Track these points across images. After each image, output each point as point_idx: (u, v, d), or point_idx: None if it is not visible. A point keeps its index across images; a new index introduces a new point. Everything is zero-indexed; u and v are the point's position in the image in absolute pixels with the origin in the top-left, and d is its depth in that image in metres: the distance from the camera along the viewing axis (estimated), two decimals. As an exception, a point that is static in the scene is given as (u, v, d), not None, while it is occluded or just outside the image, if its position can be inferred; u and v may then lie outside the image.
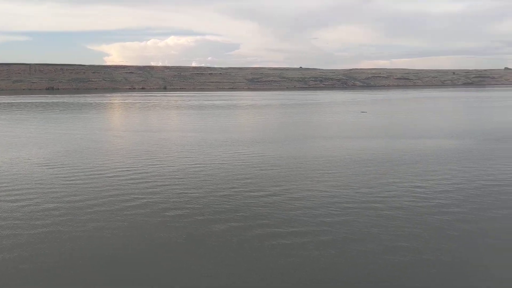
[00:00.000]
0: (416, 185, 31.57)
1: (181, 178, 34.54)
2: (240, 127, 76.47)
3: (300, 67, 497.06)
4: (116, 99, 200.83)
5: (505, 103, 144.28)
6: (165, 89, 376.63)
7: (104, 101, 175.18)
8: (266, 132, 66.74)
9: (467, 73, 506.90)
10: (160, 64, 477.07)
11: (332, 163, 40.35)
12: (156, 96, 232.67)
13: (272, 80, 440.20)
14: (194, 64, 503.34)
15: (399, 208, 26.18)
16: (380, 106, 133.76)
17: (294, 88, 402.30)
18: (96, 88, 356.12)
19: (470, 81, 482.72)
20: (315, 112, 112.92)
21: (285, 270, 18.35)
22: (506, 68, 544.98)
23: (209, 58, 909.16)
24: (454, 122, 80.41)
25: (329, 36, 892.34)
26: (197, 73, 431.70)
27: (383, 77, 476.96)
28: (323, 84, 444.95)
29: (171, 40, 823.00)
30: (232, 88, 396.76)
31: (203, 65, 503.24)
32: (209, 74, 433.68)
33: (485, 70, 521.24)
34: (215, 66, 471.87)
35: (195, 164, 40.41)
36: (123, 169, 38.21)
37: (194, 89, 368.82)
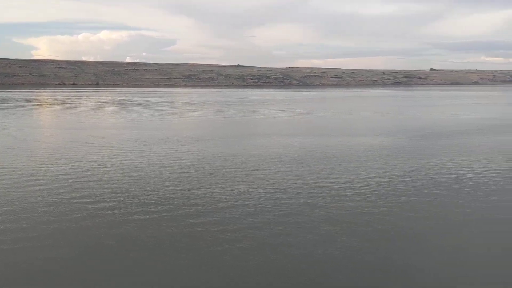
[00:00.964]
0: (349, 181, 32.51)
1: (113, 178, 33.22)
2: (176, 124, 75.19)
3: (238, 64, 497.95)
4: (45, 95, 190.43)
5: (430, 102, 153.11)
6: (97, 85, 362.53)
7: (32, 97, 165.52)
8: (202, 129, 66.11)
9: (396, 73, 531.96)
10: (92, 59, 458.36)
11: (268, 161, 40.62)
12: (88, 92, 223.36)
13: (209, 77, 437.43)
14: (128, 60, 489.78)
15: (333, 205, 26.77)
16: (315, 104, 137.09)
17: (232, 86, 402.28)
18: (22, 84, 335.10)
19: (399, 81, 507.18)
20: (252, 110, 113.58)
21: (220, 271, 18.10)
22: (431, 69, 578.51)
23: (144, 53, 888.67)
24: (384, 120, 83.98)
25: (266, 35, 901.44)
26: (132, 69, 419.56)
27: (318, 76, 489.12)
28: (261, 82, 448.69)
29: (104, 34, 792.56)
30: (168, 84, 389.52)
31: (138, 60, 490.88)
32: (144, 70, 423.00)
33: (412, 70, 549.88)
34: (151, 62, 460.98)
35: (129, 163, 39.10)
36: (52, 169, 36.14)
37: (128, 85, 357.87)
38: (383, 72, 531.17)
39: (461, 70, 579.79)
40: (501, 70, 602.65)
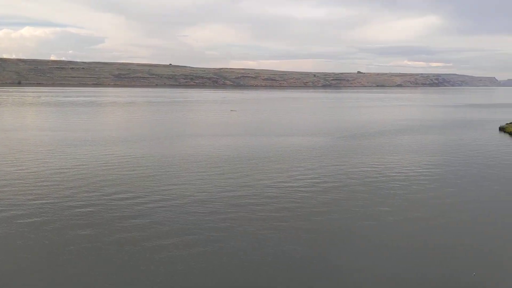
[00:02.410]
0: (281, 182, 32.79)
1: (35, 182, 31.11)
2: (103, 125, 72.20)
3: (170, 64, 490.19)
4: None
5: (358, 103, 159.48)
6: (19, 84, 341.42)
7: None
8: (132, 130, 63.98)
9: (326, 75, 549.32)
10: (13, 56, 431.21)
11: (200, 162, 40.01)
12: (8, 91, 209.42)
13: (140, 77, 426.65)
14: (53, 58, 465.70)
15: (263, 207, 26.79)
16: (249, 105, 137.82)
17: (165, 86, 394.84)
18: None
19: (329, 83, 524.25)
20: (185, 110, 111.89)
21: (147, 273, 17.43)
22: (359, 72, 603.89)
23: (71, 51, 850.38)
24: (315, 121, 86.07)
25: (199, 35, 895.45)
26: (57, 67, 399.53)
27: (251, 77, 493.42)
28: (194, 82, 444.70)
29: (27, 31, 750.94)
30: (97, 84, 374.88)
31: (63, 58, 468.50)
32: (71, 68, 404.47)
33: (341, 73, 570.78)
34: (78, 60, 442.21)
35: (52, 166, 36.81)
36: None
37: (53, 85, 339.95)
38: (314, 75, 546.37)
39: (386, 74, 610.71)
40: (422, 74, 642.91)
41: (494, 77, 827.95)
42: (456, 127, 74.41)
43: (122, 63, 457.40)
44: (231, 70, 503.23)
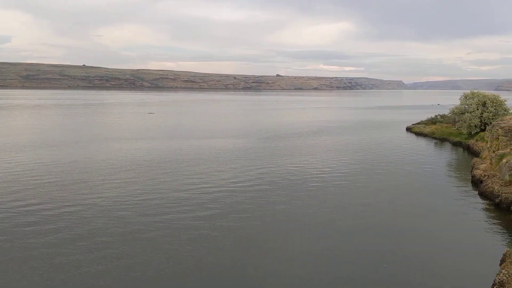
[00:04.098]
0: (195, 185, 32.01)
1: None
2: (6, 129, 66.61)
3: (84, 65, 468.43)
4: None
5: (278, 106, 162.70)
6: None
7: None
8: (39, 135, 59.53)
9: (246, 78, 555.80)
10: None
11: (114, 167, 37.96)
12: None
13: (51, 78, 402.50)
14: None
15: (178, 215, 25.90)
16: (168, 108, 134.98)
17: (78, 87, 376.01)
18: None
19: (249, 86, 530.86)
20: (100, 113, 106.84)
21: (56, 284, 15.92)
22: (277, 75, 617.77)
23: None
24: (236, 123, 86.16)
25: (114, 35, 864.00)
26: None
27: (170, 79, 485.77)
28: (110, 84, 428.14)
29: None
30: (2, 85, 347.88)
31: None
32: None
33: (261, 76, 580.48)
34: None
35: None
36: None
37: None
38: (234, 77, 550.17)
39: (303, 77, 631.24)
40: (336, 77, 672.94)
41: (401, 81, 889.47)
42: (368, 128, 78.23)
43: (31, 63, 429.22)
44: (149, 72, 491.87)
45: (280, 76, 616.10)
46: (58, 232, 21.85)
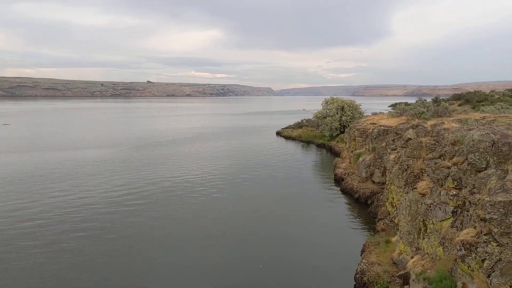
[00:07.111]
0: (77, 197, 29.69)
1: None
2: None
3: None
4: None
5: (149, 113, 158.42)
6: None
7: None
8: None
9: (114, 85, 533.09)
10: None
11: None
12: None
13: None
14: None
15: (58, 222, 23.73)
16: (27, 118, 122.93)
17: None
18: None
19: (118, 93, 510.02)
20: None
21: None
22: (148, 81, 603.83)
23: None
24: (105, 132, 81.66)
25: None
26: None
27: (29, 86, 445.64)
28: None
29: None
30: None
31: None
32: None
33: (130, 82, 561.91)
34: None
35: None
36: None
37: None
38: (102, 84, 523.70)
39: (176, 84, 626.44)
40: (209, 84, 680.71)
41: (270, 88, 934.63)
42: (241, 133, 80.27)
43: None
44: (4, 79, 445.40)
45: (152, 82, 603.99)
46: None
